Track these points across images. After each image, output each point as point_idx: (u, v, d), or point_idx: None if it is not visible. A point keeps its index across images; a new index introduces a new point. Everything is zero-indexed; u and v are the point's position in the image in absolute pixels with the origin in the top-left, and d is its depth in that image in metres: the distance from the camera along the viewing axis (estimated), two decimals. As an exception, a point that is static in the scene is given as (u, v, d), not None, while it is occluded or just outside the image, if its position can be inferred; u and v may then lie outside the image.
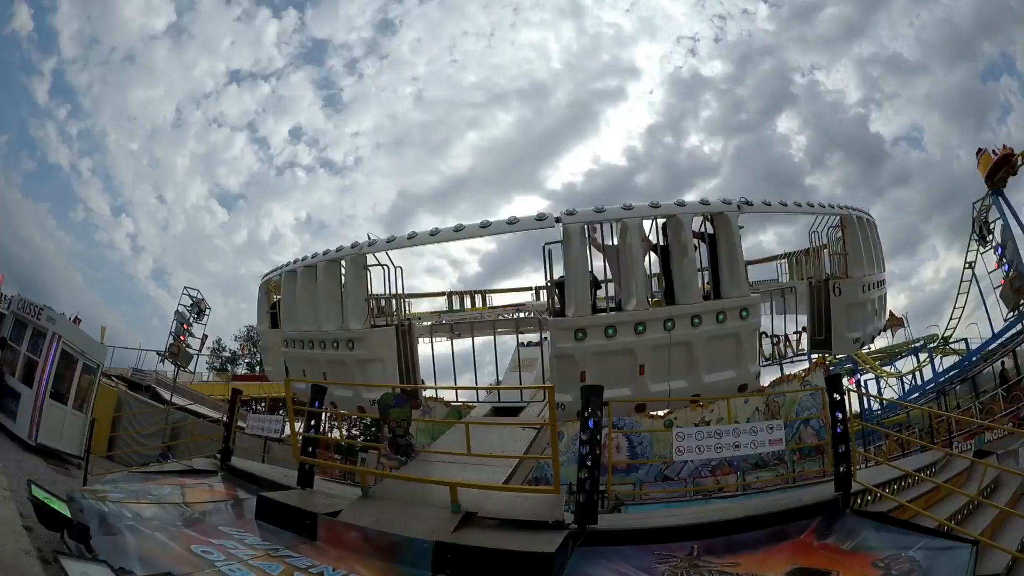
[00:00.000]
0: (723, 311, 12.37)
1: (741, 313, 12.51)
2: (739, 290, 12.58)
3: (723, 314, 12.36)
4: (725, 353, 12.62)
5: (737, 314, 12.49)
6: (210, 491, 12.94)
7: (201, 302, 29.12)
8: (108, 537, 8.60)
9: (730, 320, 12.43)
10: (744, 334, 12.73)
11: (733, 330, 12.53)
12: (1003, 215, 36.36)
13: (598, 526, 9.46)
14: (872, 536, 8.78)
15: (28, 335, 19.43)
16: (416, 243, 13.40)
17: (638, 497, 31.01)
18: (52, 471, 16.80)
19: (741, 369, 12.80)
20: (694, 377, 12.46)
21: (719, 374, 12.62)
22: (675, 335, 12.04)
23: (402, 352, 14.07)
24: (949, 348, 41.09)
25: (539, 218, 12.11)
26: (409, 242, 13.23)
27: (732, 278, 12.58)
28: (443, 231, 12.87)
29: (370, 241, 13.68)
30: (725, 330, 12.45)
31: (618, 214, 12.17)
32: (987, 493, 12.53)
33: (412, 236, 13.25)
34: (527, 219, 12.29)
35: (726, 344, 12.63)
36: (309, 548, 9.10)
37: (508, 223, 12.28)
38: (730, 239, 12.50)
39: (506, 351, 17.07)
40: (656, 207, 12.26)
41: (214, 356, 53.57)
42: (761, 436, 10.39)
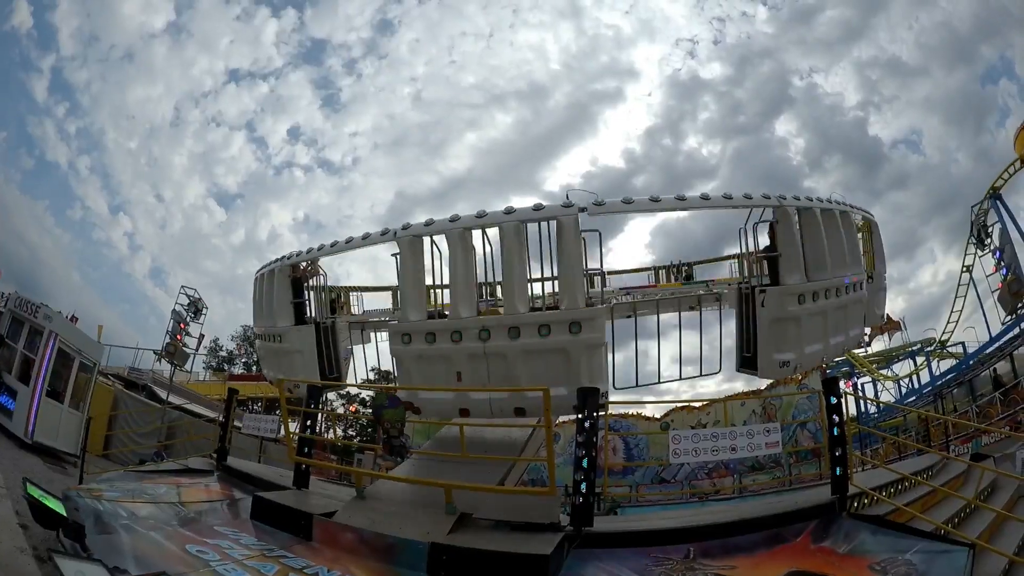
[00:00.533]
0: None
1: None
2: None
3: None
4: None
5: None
6: (206, 491, 12.92)
7: (198, 301, 29.04)
8: (103, 536, 8.57)
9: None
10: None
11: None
12: (1001, 219, 36.46)
13: (594, 528, 9.46)
14: (869, 539, 8.78)
15: (25, 333, 19.37)
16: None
17: (634, 499, 31.08)
18: (48, 469, 16.75)
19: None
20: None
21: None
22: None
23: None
24: (946, 352, 41.17)
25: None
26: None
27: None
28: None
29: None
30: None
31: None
32: (984, 496, 12.52)
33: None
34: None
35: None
36: (304, 549, 9.10)
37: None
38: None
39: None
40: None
41: (211, 355, 53.51)
42: (758, 439, 10.39)
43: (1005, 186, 37.05)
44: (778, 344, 12.74)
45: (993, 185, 37.27)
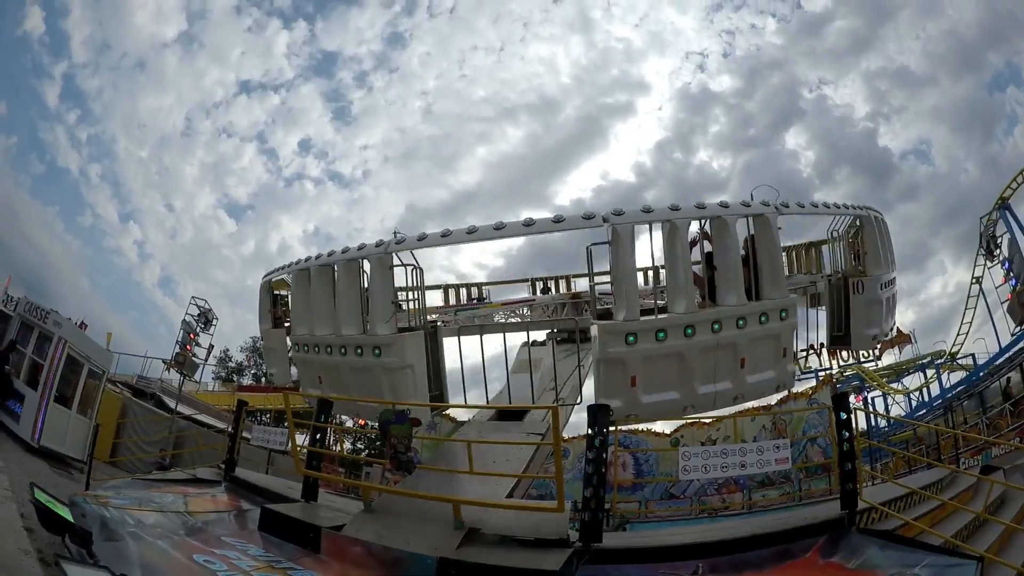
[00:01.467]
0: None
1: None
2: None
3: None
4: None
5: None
6: (213, 501, 12.93)
7: (208, 312, 29.10)
8: (110, 543, 8.56)
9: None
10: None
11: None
12: (1010, 229, 36.23)
13: (603, 544, 9.41)
14: (877, 554, 8.72)
15: (34, 338, 19.51)
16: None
17: (643, 515, 30.99)
18: (54, 474, 16.84)
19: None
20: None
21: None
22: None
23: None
24: (956, 364, 40.94)
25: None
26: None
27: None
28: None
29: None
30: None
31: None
32: (993, 509, 12.47)
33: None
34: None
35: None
36: (312, 561, 9.08)
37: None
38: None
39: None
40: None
41: (220, 366, 53.50)
42: (767, 455, 10.35)
43: (1014, 195, 36.87)
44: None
45: (1002, 195, 37.05)
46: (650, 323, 11.87)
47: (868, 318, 15.35)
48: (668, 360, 11.89)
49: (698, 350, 11.87)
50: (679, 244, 11.93)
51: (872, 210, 14.98)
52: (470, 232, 12.20)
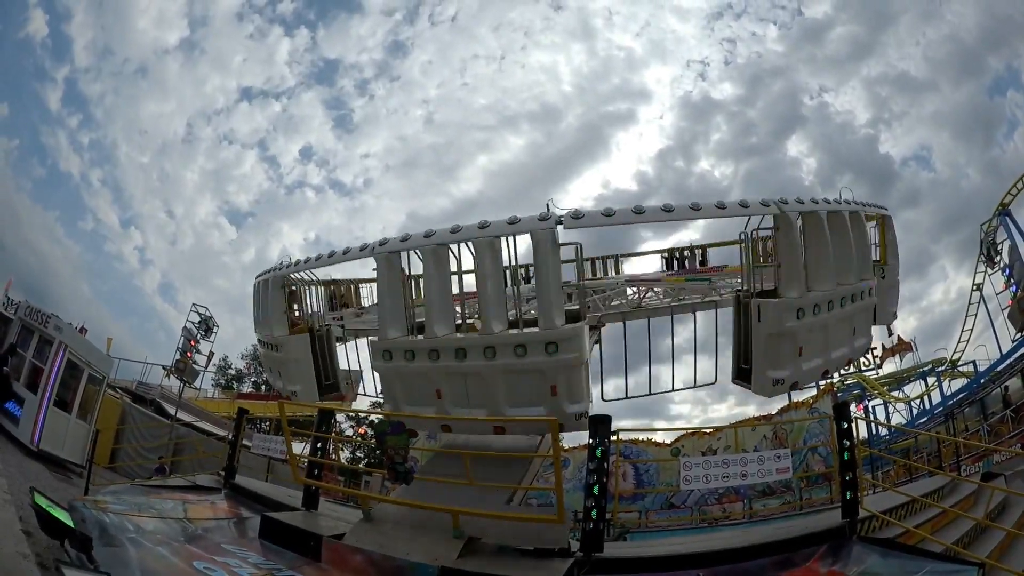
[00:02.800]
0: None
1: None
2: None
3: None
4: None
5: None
6: (212, 508, 12.91)
7: (209, 319, 29.16)
8: (109, 548, 8.55)
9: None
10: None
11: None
12: (1011, 236, 36.30)
13: (604, 554, 9.42)
14: (879, 562, 8.72)
15: (34, 342, 19.52)
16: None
17: (644, 525, 30.91)
18: (53, 478, 16.81)
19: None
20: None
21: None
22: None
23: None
24: (957, 371, 40.96)
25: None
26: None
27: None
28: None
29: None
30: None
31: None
32: (994, 515, 12.44)
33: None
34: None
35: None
36: (313, 570, 9.08)
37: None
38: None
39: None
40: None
41: (220, 373, 53.48)
42: (768, 465, 10.35)
43: (1014, 202, 36.91)
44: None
45: (1002, 201, 37.12)
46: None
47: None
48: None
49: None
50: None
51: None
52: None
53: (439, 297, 11.85)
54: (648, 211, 10.84)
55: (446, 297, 12.01)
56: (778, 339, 11.85)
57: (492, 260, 11.42)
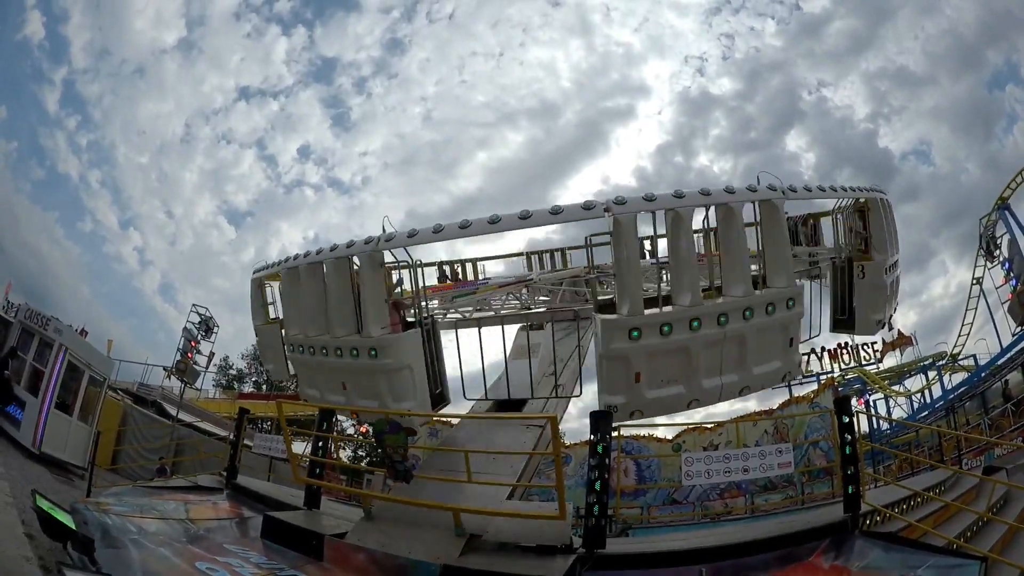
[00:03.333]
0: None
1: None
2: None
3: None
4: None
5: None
6: (214, 508, 12.91)
7: (209, 320, 29.19)
8: (111, 550, 8.54)
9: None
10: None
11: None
12: (1010, 229, 36.31)
13: (606, 550, 9.41)
14: (881, 556, 8.73)
15: (35, 345, 19.53)
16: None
17: (646, 520, 30.92)
18: (55, 480, 16.82)
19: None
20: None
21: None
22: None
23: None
24: (958, 365, 40.95)
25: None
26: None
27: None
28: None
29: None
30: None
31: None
32: (996, 509, 12.45)
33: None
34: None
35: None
36: (315, 568, 9.08)
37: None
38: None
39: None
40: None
41: (221, 374, 53.45)
42: (770, 459, 10.37)
43: (1013, 195, 36.90)
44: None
45: (1001, 195, 37.12)
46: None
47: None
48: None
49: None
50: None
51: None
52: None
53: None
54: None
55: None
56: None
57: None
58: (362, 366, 12.68)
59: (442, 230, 11.56)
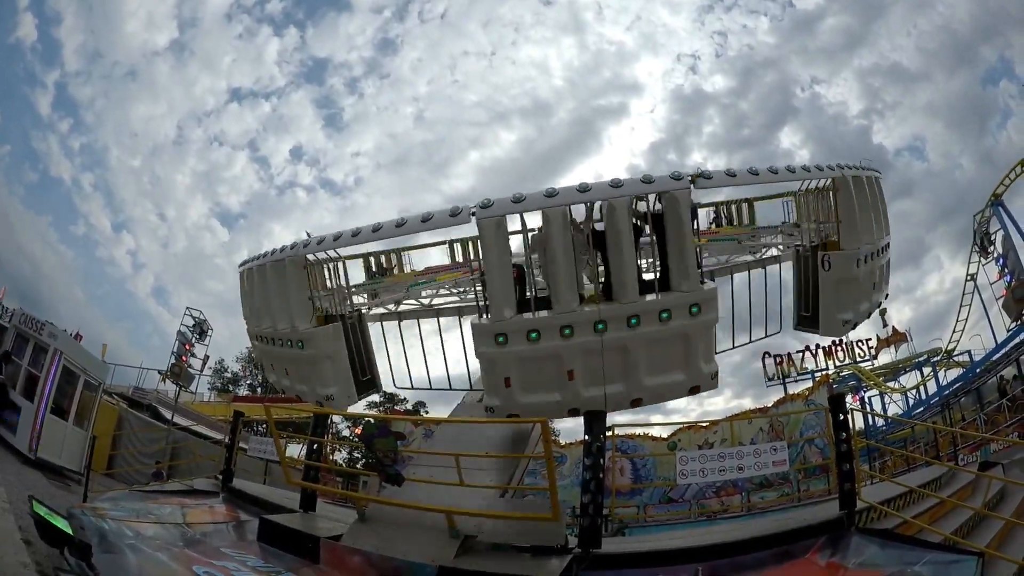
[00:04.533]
0: (667, 309, 10.81)
1: (691, 310, 10.82)
2: (688, 282, 10.85)
3: (667, 312, 10.80)
4: (671, 355, 11.09)
5: (685, 311, 10.82)
6: (211, 512, 12.90)
7: (203, 323, 29.19)
8: (109, 555, 8.52)
9: (676, 319, 10.81)
10: (694, 333, 11.02)
11: (680, 330, 10.91)
12: (1004, 226, 36.47)
13: (602, 550, 9.42)
14: (877, 553, 8.72)
15: (30, 350, 19.50)
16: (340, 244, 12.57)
17: (642, 519, 30.96)
18: (51, 485, 16.81)
19: (691, 371, 11.14)
20: (634, 382, 11.08)
21: (664, 377, 11.19)
22: (608, 339, 10.74)
23: (353, 346, 14.21)
24: (953, 361, 41.10)
25: (453, 213, 10.73)
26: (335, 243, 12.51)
27: (680, 269, 10.90)
28: (363, 231, 11.74)
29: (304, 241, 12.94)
30: (670, 330, 10.88)
31: (540, 203, 10.56)
32: (993, 504, 12.49)
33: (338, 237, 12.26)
34: (441, 215, 10.95)
35: (671, 346, 11.08)
36: (311, 571, 9.08)
37: (423, 220, 11.05)
38: (678, 223, 10.79)
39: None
40: (585, 190, 10.60)
41: (216, 377, 53.44)
42: (765, 457, 10.36)
43: (1007, 191, 37.05)
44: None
45: (995, 192, 37.29)
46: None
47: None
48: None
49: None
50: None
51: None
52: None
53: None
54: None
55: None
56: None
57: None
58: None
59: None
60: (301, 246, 12.90)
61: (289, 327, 13.49)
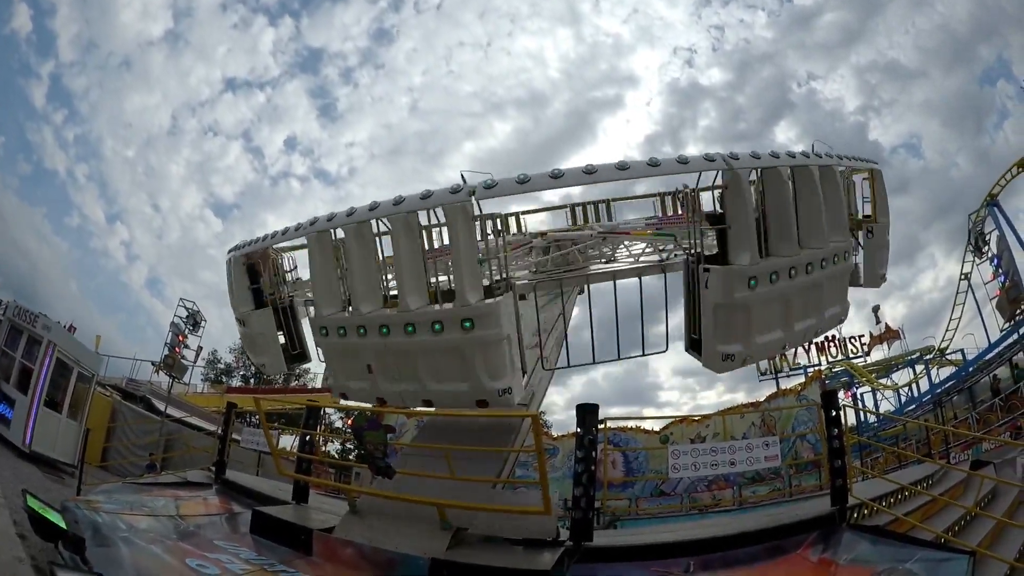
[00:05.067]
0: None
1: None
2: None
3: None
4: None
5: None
6: (204, 504, 12.91)
7: (197, 314, 29.14)
8: (103, 549, 8.52)
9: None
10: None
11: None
12: (999, 226, 36.55)
13: (594, 543, 9.42)
14: (869, 550, 8.76)
15: (23, 342, 19.43)
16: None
17: (634, 512, 31.05)
18: (45, 479, 16.78)
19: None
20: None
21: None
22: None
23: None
24: (945, 359, 41.24)
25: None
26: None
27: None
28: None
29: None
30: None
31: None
32: (985, 503, 12.52)
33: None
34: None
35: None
36: (304, 563, 9.08)
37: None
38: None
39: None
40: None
41: (209, 368, 53.35)
42: (757, 452, 10.36)
43: (1002, 192, 37.13)
44: (723, 334, 11.04)
45: (990, 192, 37.37)
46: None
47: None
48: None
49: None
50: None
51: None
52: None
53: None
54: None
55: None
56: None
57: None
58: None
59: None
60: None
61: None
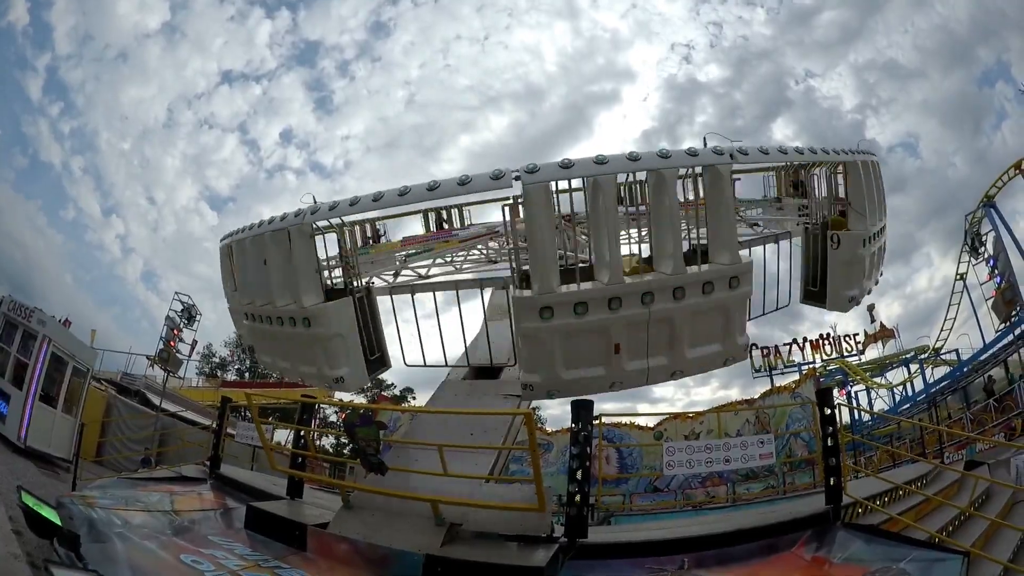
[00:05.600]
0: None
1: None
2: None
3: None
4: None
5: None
6: (199, 499, 12.87)
7: (192, 308, 29.11)
8: (97, 545, 8.49)
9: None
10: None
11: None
12: (995, 227, 36.59)
13: (588, 539, 9.43)
14: (863, 549, 8.78)
15: (18, 336, 19.38)
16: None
17: (628, 508, 31.07)
18: (41, 474, 16.75)
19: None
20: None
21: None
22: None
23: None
24: (940, 359, 41.33)
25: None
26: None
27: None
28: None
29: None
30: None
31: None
32: (979, 504, 12.56)
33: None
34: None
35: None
36: (299, 559, 9.06)
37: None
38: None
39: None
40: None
41: (204, 362, 53.30)
42: (751, 450, 10.38)
43: (999, 193, 37.18)
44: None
45: (987, 193, 37.42)
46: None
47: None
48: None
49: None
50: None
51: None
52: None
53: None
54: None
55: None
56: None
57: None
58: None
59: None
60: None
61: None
